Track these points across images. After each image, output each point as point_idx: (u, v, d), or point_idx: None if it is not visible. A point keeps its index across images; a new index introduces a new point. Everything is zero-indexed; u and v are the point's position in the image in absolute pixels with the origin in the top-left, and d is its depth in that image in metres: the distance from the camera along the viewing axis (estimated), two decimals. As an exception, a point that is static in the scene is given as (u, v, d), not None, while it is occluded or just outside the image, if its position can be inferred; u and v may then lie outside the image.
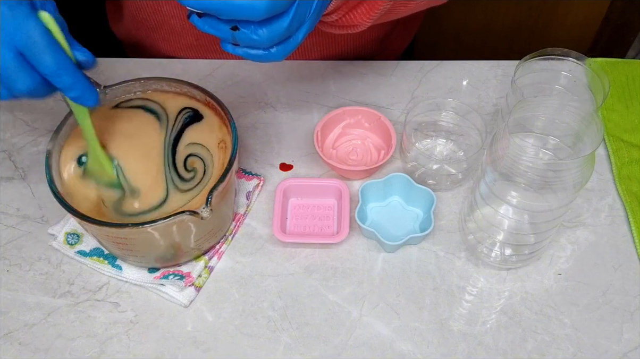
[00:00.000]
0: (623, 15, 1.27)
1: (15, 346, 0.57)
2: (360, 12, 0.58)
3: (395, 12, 0.63)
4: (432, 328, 0.58)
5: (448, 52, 1.40)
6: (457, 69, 0.79)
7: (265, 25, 0.47)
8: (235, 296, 0.61)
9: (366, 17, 0.58)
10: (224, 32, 0.48)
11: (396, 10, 0.63)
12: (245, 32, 0.47)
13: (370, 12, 0.58)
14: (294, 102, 0.76)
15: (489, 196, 0.57)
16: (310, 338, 0.58)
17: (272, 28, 0.47)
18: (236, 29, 0.47)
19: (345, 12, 0.57)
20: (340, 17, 0.58)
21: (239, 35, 0.47)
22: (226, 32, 0.48)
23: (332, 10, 0.55)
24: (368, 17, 0.58)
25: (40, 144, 0.71)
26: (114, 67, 0.79)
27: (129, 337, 0.58)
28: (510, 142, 0.51)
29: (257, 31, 0.47)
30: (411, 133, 0.70)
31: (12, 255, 0.63)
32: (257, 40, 0.47)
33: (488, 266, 0.62)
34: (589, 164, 0.52)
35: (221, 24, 0.47)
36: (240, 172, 0.68)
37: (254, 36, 0.47)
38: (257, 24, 0.47)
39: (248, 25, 0.47)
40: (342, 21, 0.58)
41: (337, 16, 0.57)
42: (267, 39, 0.47)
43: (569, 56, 0.63)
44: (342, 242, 0.63)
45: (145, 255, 0.58)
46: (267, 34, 0.47)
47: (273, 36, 0.47)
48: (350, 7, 0.57)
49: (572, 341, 0.58)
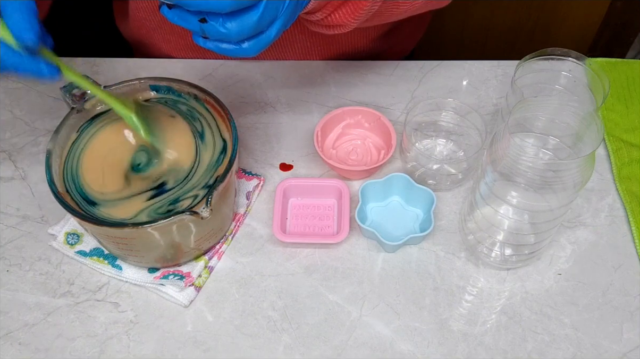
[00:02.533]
0: (623, 15, 1.27)
1: (15, 346, 0.57)
2: (345, 12, 0.57)
3: (387, 14, 0.63)
4: (432, 328, 0.58)
5: (448, 52, 1.40)
6: (457, 69, 0.79)
7: (234, 18, 0.46)
8: (235, 296, 0.61)
9: (351, 17, 0.57)
10: (192, 24, 0.47)
11: (387, 13, 0.62)
12: (213, 24, 0.46)
13: (354, 13, 0.57)
14: (294, 102, 0.76)
15: (489, 196, 0.57)
16: (310, 338, 0.58)
17: (241, 21, 0.46)
18: (204, 21, 0.46)
19: (330, 11, 0.57)
20: (324, 17, 0.57)
21: (207, 27, 0.47)
22: (195, 25, 0.47)
23: (315, 9, 0.55)
24: (353, 18, 0.57)
25: (40, 144, 0.71)
26: (114, 67, 0.79)
27: (129, 337, 0.58)
28: (510, 142, 0.51)
29: (226, 24, 0.46)
30: (411, 133, 0.70)
31: (12, 255, 0.63)
32: (226, 34, 0.46)
33: (488, 266, 0.62)
34: (589, 164, 0.52)
35: (190, 16, 0.47)
36: (240, 172, 0.68)
37: (222, 29, 0.46)
38: (225, 16, 0.46)
39: (216, 18, 0.46)
40: (327, 20, 0.58)
41: (322, 15, 0.57)
42: (236, 32, 0.46)
43: (569, 56, 0.63)
44: (342, 242, 0.63)
45: (145, 255, 0.58)
46: (235, 28, 0.46)
47: (242, 30, 0.46)
48: (335, 6, 0.56)
49: (572, 341, 0.58)
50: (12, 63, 0.48)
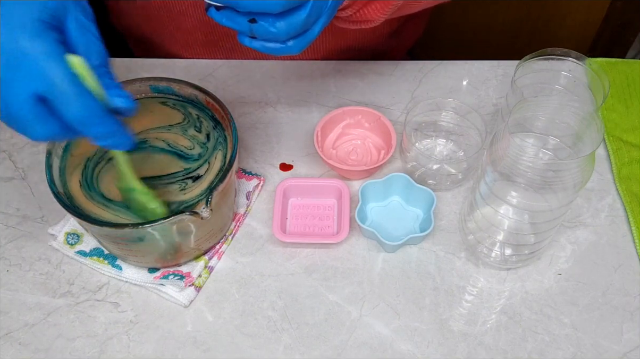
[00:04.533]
0: (623, 15, 1.27)
1: (15, 346, 0.57)
2: (375, 8, 0.58)
3: (408, 7, 0.63)
4: (432, 328, 0.58)
5: (448, 52, 1.40)
6: (457, 69, 0.79)
7: (283, 18, 0.47)
8: (235, 296, 0.61)
9: (380, 12, 0.58)
10: (242, 25, 0.48)
11: (409, 6, 0.63)
12: (263, 24, 0.47)
13: (384, 8, 0.58)
14: (294, 102, 0.76)
15: (489, 196, 0.57)
16: (310, 338, 0.58)
17: (290, 21, 0.47)
18: (254, 22, 0.47)
19: (360, 7, 0.57)
20: (354, 12, 0.58)
21: (257, 28, 0.47)
22: (244, 25, 0.47)
23: (347, 5, 0.56)
24: (382, 13, 0.58)
25: (40, 144, 0.71)
26: (114, 67, 0.78)
27: (129, 337, 0.58)
28: (510, 142, 0.51)
29: (275, 24, 0.47)
30: (411, 133, 0.70)
31: (12, 255, 0.63)
32: (275, 33, 0.47)
33: (488, 266, 0.62)
34: (589, 164, 0.52)
35: (239, 17, 0.47)
36: (240, 172, 0.68)
37: (272, 29, 0.47)
38: (274, 16, 0.46)
39: (266, 18, 0.47)
40: (356, 16, 0.59)
41: (352, 11, 0.57)
42: (285, 31, 0.47)
43: (569, 56, 0.63)
44: (342, 242, 0.63)
45: (145, 255, 0.58)
46: (284, 27, 0.47)
47: (290, 29, 0.47)
48: (365, 2, 0.57)
49: (572, 341, 0.58)
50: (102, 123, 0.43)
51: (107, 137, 0.45)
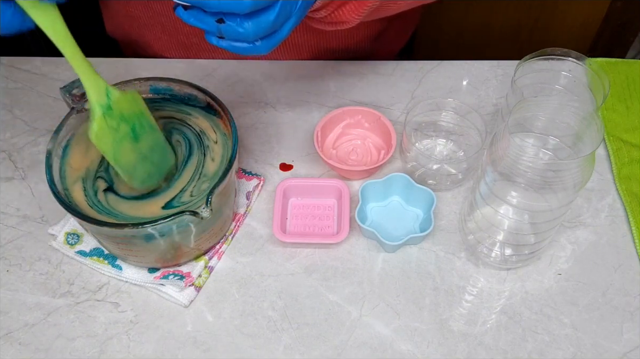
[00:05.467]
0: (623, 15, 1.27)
1: (15, 346, 0.57)
2: (349, 9, 0.58)
3: (385, 9, 0.63)
4: (432, 328, 0.58)
5: (448, 52, 1.40)
6: (457, 69, 0.79)
7: (251, 19, 0.46)
8: (235, 296, 0.61)
9: (354, 14, 0.58)
10: (209, 24, 0.47)
11: (385, 8, 0.63)
12: (231, 25, 0.47)
13: (358, 9, 0.57)
14: (294, 102, 0.76)
15: (489, 196, 0.57)
16: (310, 338, 0.58)
17: (258, 21, 0.47)
18: (222, 22, 0.47)
19: (334, 8, 0.57)
20: (328, 14, 0.58)
21: (224, 28, 0.47)
22: (212, 25, 0.47)
23: (320, 7, 0.55)
24: (356, 14, 0.58)
25: (40, 144, 0.71)
26: (114, 67, 0.79)
27: (129, 337, 0.58)
28: (510, 142, 0.51)
29: (243, 24, 0.46)
30: (411, 133, 0.70)
31: (12, 255, 0.63)
32: (243, 34, 0.47)
33: (488, 266, 0.62)
34: (589, 164, 0.52)
35: (207, 17, 0.47)
36: (240, 172, 0.68)
37: (239, 29, 0.47)
38: (242, 17, 0.46)
39: (234, 18, 0.46)
40: (331, 17, 0.58)
41: (326, 12, 0.57)
42: (253, 32, 0.47)
43: (569, 56, 0.63)
44: (342, 242, 0.63)
45: (145, 255, 0.58)
46: (252, 27, 0.47)
47: (259, 30, 0.47)
48: (339, 3, 0.57)
49: (572, 341, 0.58)
50: None
51: None
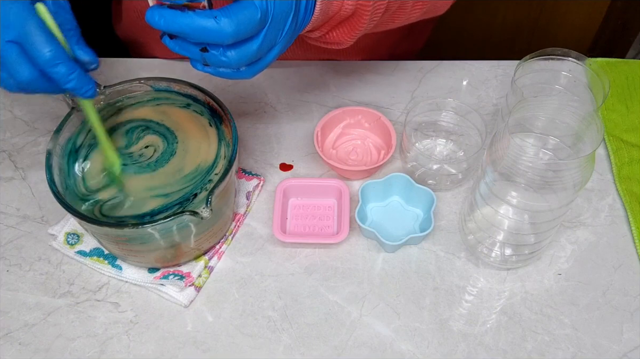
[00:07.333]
0: (623, 15, 1.27)
1: (15, 346, 0.57)
2: (342, 32, 0.58)
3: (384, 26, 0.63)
4: (432, 328, 0.58)
5: (448, 52, 1.40)
6: (457, 69, 0.79)
7: (235, 48, 0.48)
8: (235, 296, 0.61)
9: (348, 36, 0.58)
10: (194, 53, 0.49)
11: (384, 25, 0.63)
12: (214, 54, 0.48)
13: (352, 32, 0.58)
14: (294, 102, 0.76)
15: (489, 196, 0.57)
16: (310, 338, 0.58)
17: (242, 50, 0.48)
18: (205, 51, 0.48)
19: (327, 30, 0.58)
20: (322, 35, 0.58)
21: (208, 56, 0.48)
22: (196, 54, 0.49)
23: (312, 29, 0.56)
24: (350, 36, 0.58)
25: (40, 144, 0.71)
26: (114, 67, 0.79)
27: (129, 337, 0.58)
28: (510, 142, 0.51)
29: (226, 53, 0.48)
30: (411, 133, 0.70)
31: (12, 255, 0.63)
32: (226, 62, 0.48)
33: (488, 266, 0.62)
34: (589, 164, 0.52)
35: (191, 46, 0.49)
36: (240, 172, 0.68)
37: (222, 58, 0.48)
38: (225, 46, 0.47)
39: (217, 48, 0.48)
40: (325, 38, 0.59)
41: (319, 34, 0.58)
42: (236, 60, 0.48)
43: (569, 56, 0.63)
44: (342, 242, 0.63)
45: (145, 255, 0.58)
46: (236, 56, 0.48)
47: (242, 58, 0.48)
48: (332, 26, 0.57)
49: (572, 341, 0.58)
50: (65, 63, 0.48)
51: (71, 78, 0.49)
